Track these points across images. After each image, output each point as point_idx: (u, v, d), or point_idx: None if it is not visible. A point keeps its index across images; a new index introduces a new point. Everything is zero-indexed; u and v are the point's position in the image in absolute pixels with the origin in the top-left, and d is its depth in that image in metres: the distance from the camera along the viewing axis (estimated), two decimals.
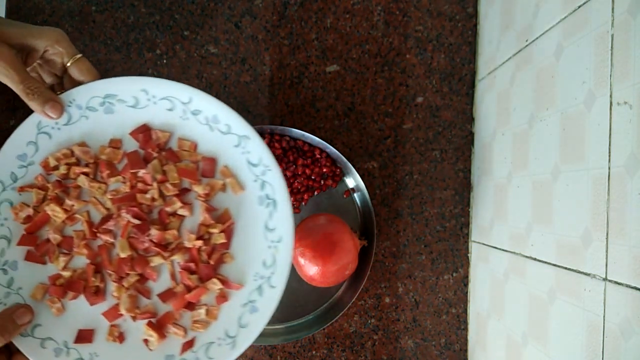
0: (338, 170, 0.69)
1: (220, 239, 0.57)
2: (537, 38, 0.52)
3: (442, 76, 0.70)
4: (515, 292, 0.55)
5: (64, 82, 0.57)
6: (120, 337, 0.57)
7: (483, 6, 0.68)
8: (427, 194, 0.70)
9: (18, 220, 0.57)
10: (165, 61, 0.69)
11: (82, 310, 0.57)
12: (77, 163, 0.58)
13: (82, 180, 0.57)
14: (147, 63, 0.69)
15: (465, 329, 0.69)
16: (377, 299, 0.70)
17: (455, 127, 0.70)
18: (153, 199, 0.57)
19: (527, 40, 0.54)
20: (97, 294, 0.57)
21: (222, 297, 0.57)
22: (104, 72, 0.70)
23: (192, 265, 0.57)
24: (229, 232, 0.58)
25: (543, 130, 0.50)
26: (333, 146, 0.66)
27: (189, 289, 0.57)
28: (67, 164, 0.57)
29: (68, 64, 0.54)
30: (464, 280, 0.69)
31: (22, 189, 0.56)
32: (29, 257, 0.57)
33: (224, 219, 0.58)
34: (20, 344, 0.54)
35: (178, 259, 0.57)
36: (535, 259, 0.50)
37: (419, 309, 0.69)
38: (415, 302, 0.69)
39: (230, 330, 0.57)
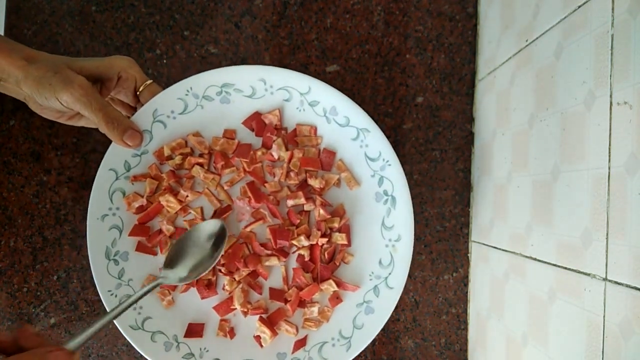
0: None
1: (341, 240, 0.55)
2: (537, 38, 0.52)
3: (442, 76, 0.70)
4: (515, 292, 0.55)
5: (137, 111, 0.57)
6: (231, 333, 0.56)
7: (483, 6, 0.68)
8: (427, 194, 0.70)
9: (130, 210, 0.55)
10: (165, 61, 0.69)
11: (192, 304, 0.56)
12: (192, 153, 0.57)
13: (197, 171, 0.56)
14: (147, 63, 0.69)
15: (465, 329, 0.69)
16: None
17: (455, 127, 0.70)
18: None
19: (527, 40, 0.54)
20: (209, 287, 0.56)
21: (337, 299, 0.55)
22: None
23: (309, 263, 0.55)
24: (344, 229, 0.56)
25: (543, 130, 0.50)
26: None
27: (300, 287, 0.55)
28: (181, 154, 0.56)
29: (140, 89, 0.54)
30: (464, 280, 0.69)
31: (135, 179, 0.55)
32: (139, 248, 0.56)
33: (337, 215, 0.56)
34: (131, 336, 0.53)
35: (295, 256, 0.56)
36: (535, 259, 0.50)
37: (419, 309, 0.69)
38: (415, 302, 0.69)
39: (345, 330, 0.55)
